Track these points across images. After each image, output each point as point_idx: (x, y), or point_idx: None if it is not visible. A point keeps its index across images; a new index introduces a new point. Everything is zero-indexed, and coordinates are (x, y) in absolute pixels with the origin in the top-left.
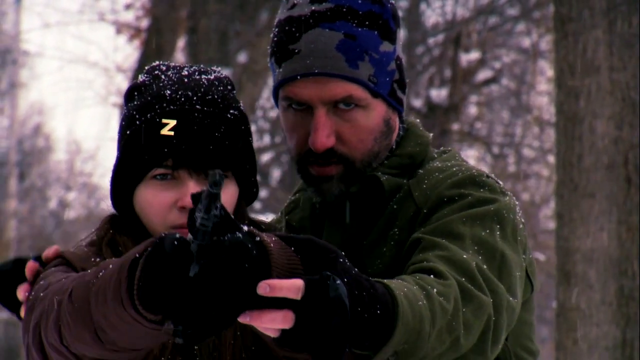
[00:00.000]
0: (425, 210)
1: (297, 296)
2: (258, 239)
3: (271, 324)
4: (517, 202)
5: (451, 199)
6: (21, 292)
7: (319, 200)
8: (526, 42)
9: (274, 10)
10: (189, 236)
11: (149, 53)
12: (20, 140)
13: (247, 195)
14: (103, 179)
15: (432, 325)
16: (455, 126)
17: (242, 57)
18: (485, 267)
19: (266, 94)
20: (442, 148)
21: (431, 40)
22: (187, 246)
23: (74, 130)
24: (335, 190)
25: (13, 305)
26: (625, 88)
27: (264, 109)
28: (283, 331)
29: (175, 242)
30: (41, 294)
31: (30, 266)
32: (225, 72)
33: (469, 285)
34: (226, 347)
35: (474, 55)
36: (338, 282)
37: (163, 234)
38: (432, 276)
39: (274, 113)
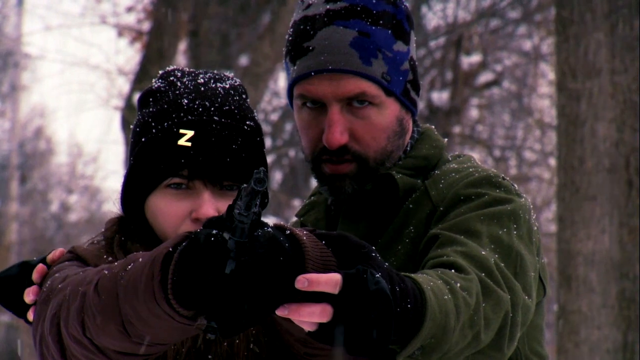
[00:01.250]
0: (441, 208)
1: (335, 290)
2: (289, 232)
3: (309, 317)
4: (531, 205)
5: (468, 197)
6: (30, 295)
7: (333, 199)
8: (527, 45)
9: (275, 13)
10: (225, 234)
11: (151, 56)
12: (21, 143)
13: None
14: (104, 181)
15: (456, 319)
16: (457, 129)
17: (243, 60)
18: (502, 264)
19: (267, 96)
20: (456, 153)
21: (432, 43)
22: (223, 242)
23: (75, 133)
24: (349, 188)
25: (19, 310)
26: (627, 91)
27: (266, 111)
28: (320, 325)
29: (212, 238)
30: (59, 286)
31: (39, 269)
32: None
33: (488, 281)
34: (240, 357)
35: (476, 58)
36: (377, 275)
37: (199, 229)
38: (453, 270)
39: (275, 116)
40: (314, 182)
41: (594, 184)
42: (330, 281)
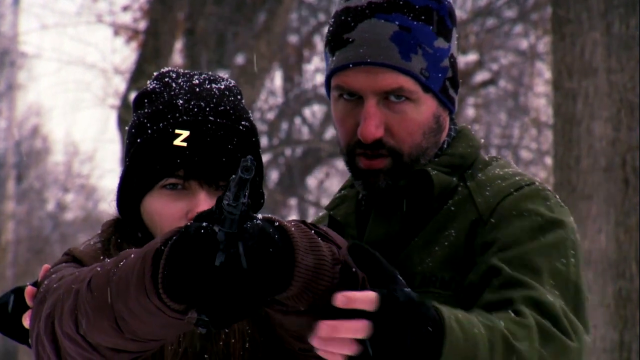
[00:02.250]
0: (492, 220)
1: (372, 308)
2: (277, 224)
3: (352, 333)
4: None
5: (520, 214)
6: (27, 320)
7: (365, 193)
8: (524, 44)
9: (271, 12)
10: (215, 225)
11: (147, 55)
12: (18, 142)
13: (254, 205)
14: (101, 180)
15: (490, 353)
16: None
17: (239, 59)
18: (567, 307)
19: (263, 95)
20: (492, 155)
21: None
22: (213, 234)
23: (71, 132)
24: (382, 183)
25: (20, 336)
26: (623, 90)
27: (262, 110)
28: (361, 343)
29: (202, 230)
30: (54, 286)
31: (29, 291)
32: (223, 73)
33: (551, 327)
34: (236, 357)
35: (472, 57)
36: (407, 289)
37: (188, 223)
38: (510, 313)
39: (271, 115)
40: (310, 182)
41: (590, 183)
42: (366, 299)
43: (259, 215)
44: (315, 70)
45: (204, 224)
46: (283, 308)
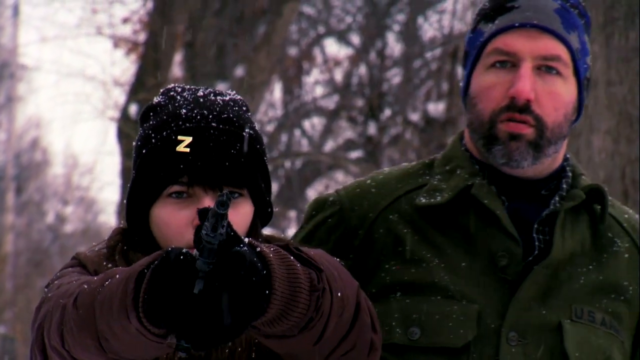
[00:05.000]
0: None
1: None
2: (258, 249)
3: None
4: None
5: None
6: None
7: (505, 162)
8: None
9: (271, 24)
10: (195, 251)
11: (147, 67)
12: (17, 154)
13: (262, 214)
14: (100, 193)
15: None
16: None
17: (239, 71)
18: None
19: (263, 108)
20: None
21: (428, 54)
22: (192, 262)
23: (71, 144)
24: (524, 152)
25: None
26: (623, 102)
27: (261, 123)
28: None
29: (181, 257)
30: (49, 295)
31: None
32: (222, 86)
33: None
34: None
35: None
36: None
37: (170, 248)
38: None
39: (270, 127)
40: (310, 194)
41: None
42: None
43: (246, 240)
44: (314, 82)
45: (184, 250)
46: (260, 333)
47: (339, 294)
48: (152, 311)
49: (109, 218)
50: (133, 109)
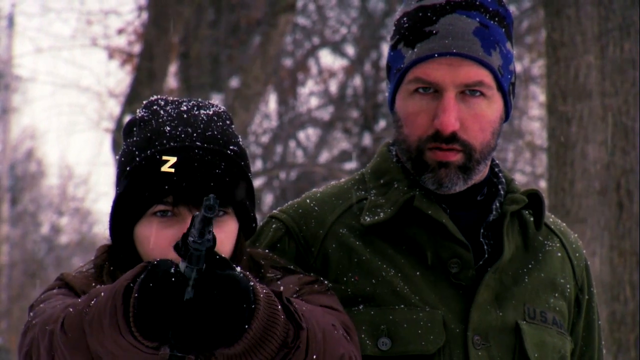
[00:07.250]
0: (587, 297)
1: None
2: (252, 284)
3: None
4: None
5: (592, 294)
6: None
7: (435, 188)
8: (518, 67)
9: (266, 35)
10: (180, 262)
11: (141, 78)
12: (12, 165)
13: (246, 229)
14: (95, 204)
15: None
16: None
17: (234, 82)
18: None
19: (258, 118)
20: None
21: None
22: (179, 272)
23: (66, 155)
24: (454, 177)
25: None
26: (617, 113)
27: (256, 134)
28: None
29: (169, 268)
30: (34, 321)
31: None
32: (217, 97)
33: None
34: None
35: None
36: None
37: (155, 261)
38: None
39: (265, 138)
40: None
41: (585, 207)
42: None
43: (238, 268)
44: (309, 93)
45: (170, 261)
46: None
47: (314, 357)
48: (145, 324)
49: (104, 229)
50: (123, 128)
